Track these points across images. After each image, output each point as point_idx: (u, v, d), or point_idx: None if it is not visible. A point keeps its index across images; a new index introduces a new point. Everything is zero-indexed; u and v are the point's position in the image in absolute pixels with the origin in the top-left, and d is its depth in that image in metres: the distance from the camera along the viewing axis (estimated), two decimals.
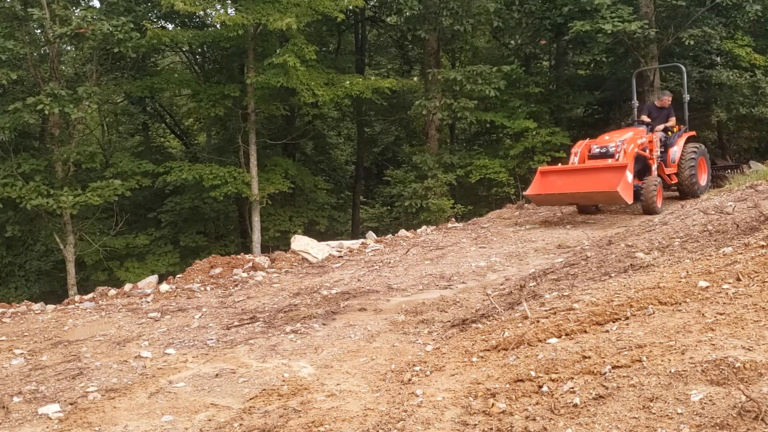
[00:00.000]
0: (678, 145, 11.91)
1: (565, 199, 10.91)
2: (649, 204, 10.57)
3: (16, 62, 15.62)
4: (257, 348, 5.06)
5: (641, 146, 11.11)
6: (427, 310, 5.80)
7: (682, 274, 4.33)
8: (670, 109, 12.25)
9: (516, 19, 18.76)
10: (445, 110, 17.45)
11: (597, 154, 10.95)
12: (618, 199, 9.97)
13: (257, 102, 17.79)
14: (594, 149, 11.04)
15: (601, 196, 10.35)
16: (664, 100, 12.25)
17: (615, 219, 10.86)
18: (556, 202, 11.30)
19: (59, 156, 16.05)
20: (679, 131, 12.20)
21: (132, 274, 16.88)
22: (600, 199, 10.68)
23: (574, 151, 11.24)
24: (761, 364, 2.67)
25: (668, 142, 11.87)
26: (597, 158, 10.90)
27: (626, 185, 9.98)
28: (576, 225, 10.52)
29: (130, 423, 3.67)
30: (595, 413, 2.69)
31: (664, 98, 12.32)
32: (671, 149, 11.82)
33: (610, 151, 10.78)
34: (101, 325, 6.35)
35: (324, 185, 22.02)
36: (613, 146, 10.78)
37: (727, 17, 17.48)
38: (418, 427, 2.99)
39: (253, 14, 15.74)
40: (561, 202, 11.36)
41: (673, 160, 11.76)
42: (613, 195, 9.90)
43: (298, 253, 10.03)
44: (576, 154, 11.16)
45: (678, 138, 12.05)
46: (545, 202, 11.55)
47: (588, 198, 10.56)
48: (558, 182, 10.79)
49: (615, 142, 10.85)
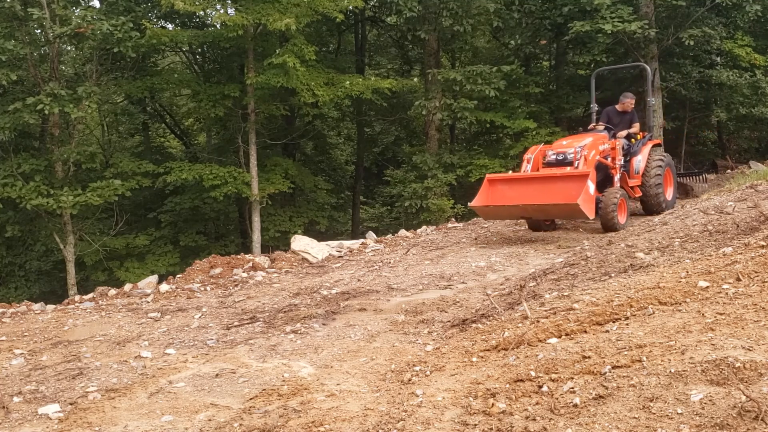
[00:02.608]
0: (642, 154, 10.63)
1: (517, 213, 9.51)
2: (608, 219, 9.17)
3: (16, 62, 15.62)
4: (257, 348, 5.06)
5: (603, 153, 9.80)
6: (427, 310, 5.80)
7: (682, 274, 4.33)
8: (634, 113, 11.03)
9: (516, 19, 18.76)
10: (444, 110, 17.46)
11: (553, 162, 9.63)
12: (578, 213, 8.64)
13: (257, 102, 17.79)
14: (550, 156, 9.71)
15: (558, 210, 8.98)
16: (627, 104, 10.92)
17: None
18: (507, 215, 9.85)
19: (59, 156, 16.06)
20: (643, 138, 10.91)
21: (132, 274, 16.89)
22: (557, 213, 9.36)
23: (527, 158, 9.84)
24: (761, 364, 2.67)
25: (632, 150, 10.54)
26: (553, 166, 9.60)
27: (588, 197, 8.61)
28: (576, 225, 10.50)
29: (130, 423, 3.67)
30: (595, 413, 2.69)
31: (626, 101, 10.93)
32: (635, 158, 10.50)
33: (569, 158, 9.48)
34: (101, 325, 6.35)
35: (324, 185, 22.03)
36: (572, 152, 9.48)
37: (727, 17, 17.49)
38: (418, 427, 2.99)
39: (252, 14, 15.75)
40: (512, 216, 9.93)
41: (637, 171, 10.43)
42: (573, 208, 8.54)
43: (298, 253, 10.04)
44: (528, 161, 9.77)
45: (642, 146, 10.74)
46: (493, 216, 10.03)
47: (543, 211, 9.21)
48: (509, 193, 9.43)
49: (574, 147, 9.55)
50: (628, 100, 10.93)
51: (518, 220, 10.50)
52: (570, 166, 9.37)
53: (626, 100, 10.93)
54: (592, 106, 12.10)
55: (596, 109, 11.83)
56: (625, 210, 9.56)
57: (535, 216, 9.72)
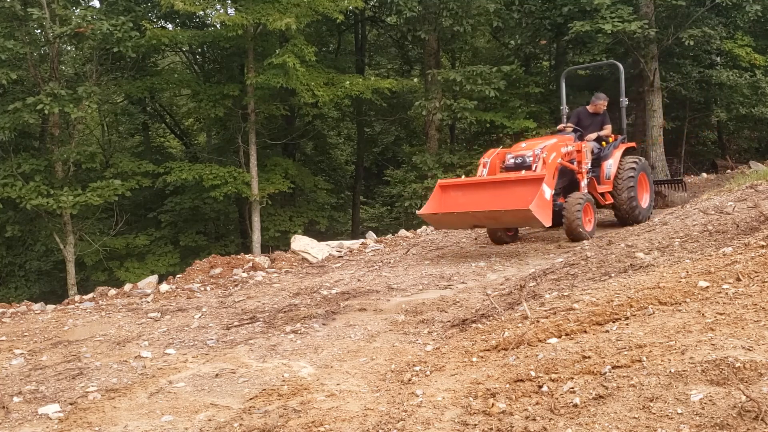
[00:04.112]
0: (614, 158, 9.90)
1: (468, 220, 8.56)
2: (572, 226, 8.51)
3: (16, 62, 15.63)
4: (257, 348, 5.06)
5: (567, 156, 9.07)
6: (427, 310, 5.80)
7: (682, 274, 4.33)
8: (605, 115, 10.33)
9: (516, 19, 18.77)
10: (444, 110, 17.47)
11: (512, 166, 8.92)
12: (532, 220, 7.85)
13: (257, 102, 17.81)
14: (509, 160, 9.02)
15: (510, 217, 8.10)
16: (598, 105, 10.24)
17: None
18: (458, 224, 8.93)
19: (59, 156, 16.06)
20: (615, 141, 10.20)
21: (132, 274, 16.90)
22: (510, 221, 8.46)
23: (483, 162, 9.09)
24: (761, 364, 2.67)
25: (602, 154, 9.86)
26: (512, 170, 8.88)
27: (542, 203, 7.83)
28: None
29: (130, 423, 3.67)
30: (595, 413, 2.69)
31: (598, 102, 10.26)
32: (605, 163, 9.80)
33: (527, 162, 8.73)
34: (101, 325, 6.35)
35: (324, 185, 22.05)
36: (531, 155, 8.76)
37: (727, 17, 17.50)
38: (418, 427, 2.98)
39: (252, 14, 15.76)
40: (464, 224, 8.95)
41: (608, 177, 9.73)
42: (525, 215, 7.75)
43: (298, 253, 10.04)
44: (485, 166, 9.02)
45: (614, 149, 10.03)
46: (444, 224, 9.24)
47: (495, 219, 8.30)
48: (461, 199, 8.66)
49: (533, 150, 8.83)
50: (600, 102, 10.29)
51: (472, 228, 9.56)
52: (528, 170, 8.64)
53: (599, 101, 10.30)
54: (561, 108, 11.51)
55: (566, 111, 11.30)
56: (592, 217, 8.88)
57: (488, 224, 8.92)
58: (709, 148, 23.82)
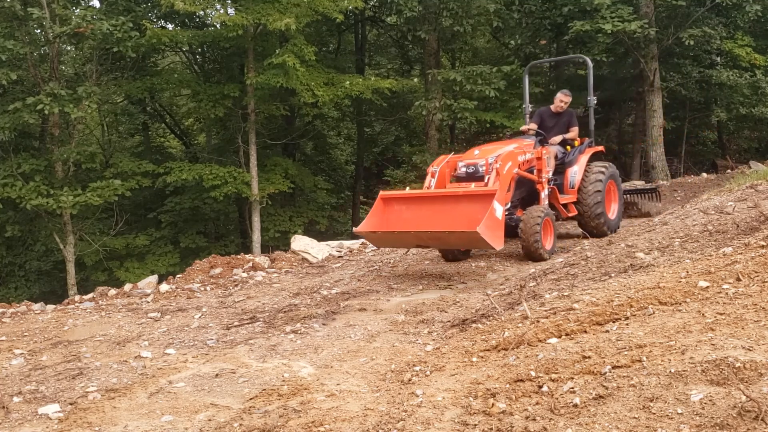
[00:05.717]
0: (579, 164, 8.85)
1: (411, 241, 7.34)
2: (530, 246, 7.49)
3: (16, 62, 15.64)
4: (257, 348, 5.06)
5: (525, 165, 7.98)
6: (427, 310, 5.80)
7: (682, 274, 4.33)
8: (572, 115, 9.18)
9: (516, 19, 18.78)
10: (444, 110, 17.47)
11: (463, 176, 7.84)
12: (479, 242, 6.75)
13: (257, 102, 17.81)
14: (460, 168, 7.92)
15: (456, 238, 6.94)
16: (559, 103, 9.12)
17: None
18: (401, 244, 7.76)
19: (59, 156, 16.07)
20: (581, 145, 9.17)
21: (132, 274, 16.91)
22: (456, 242, 7.30)
23: (431, 171, 7.92)
24: (761, 364, 2.67)
25: (567, 159, 8.84)
26: (463, 181, 7.84)
27: (493, 223, 6.67)
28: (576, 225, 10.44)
29: (130, 423, 3.67)
30: (595, 413, 2.69)
31: (564, 99, 9.15)
32: (570, 170, 8.78)
33: (479, 172, 7.67)
34: (101, 325, 6.35)
35: (324, 185, 22.05)
36: (483, 164, 7.68)
37: (727, 17, 17.51)
38: (418, 427, 2.98)
39: (252, 14, 15.76)
40: (407, 245, 7.80)
41: (572, 185, 8.72)
42: (472, 237, 6.58)
43: (298, 253, 10.04)
44: (433, 175, 7.84)
45: (580, 155, 8.99)
46: (385, 244, 8.03)
47: (440, 240, 7.12)
48: (404, 214, 7.53)
49: (486, 158, 7.72)
50: (565, 98, 9.15)
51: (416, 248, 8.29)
52: (481, 181, 7.59)
53: (564, 98, 9.15)
54: (524, 106, 10.40)
55: (529, 110, 10.24)
56: (551, 233, 7.83)
57: (433, 246, 7.70)
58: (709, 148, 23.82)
